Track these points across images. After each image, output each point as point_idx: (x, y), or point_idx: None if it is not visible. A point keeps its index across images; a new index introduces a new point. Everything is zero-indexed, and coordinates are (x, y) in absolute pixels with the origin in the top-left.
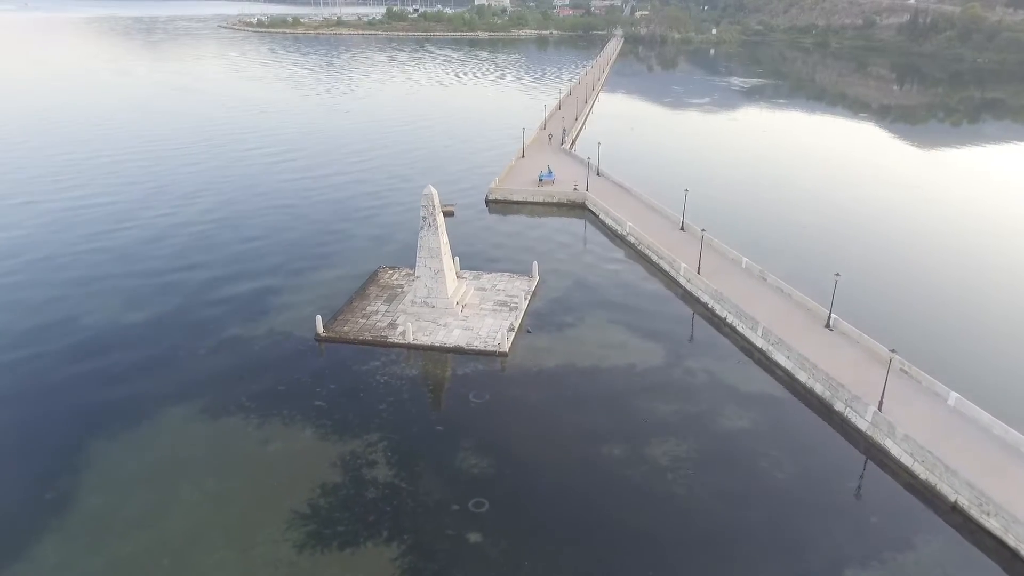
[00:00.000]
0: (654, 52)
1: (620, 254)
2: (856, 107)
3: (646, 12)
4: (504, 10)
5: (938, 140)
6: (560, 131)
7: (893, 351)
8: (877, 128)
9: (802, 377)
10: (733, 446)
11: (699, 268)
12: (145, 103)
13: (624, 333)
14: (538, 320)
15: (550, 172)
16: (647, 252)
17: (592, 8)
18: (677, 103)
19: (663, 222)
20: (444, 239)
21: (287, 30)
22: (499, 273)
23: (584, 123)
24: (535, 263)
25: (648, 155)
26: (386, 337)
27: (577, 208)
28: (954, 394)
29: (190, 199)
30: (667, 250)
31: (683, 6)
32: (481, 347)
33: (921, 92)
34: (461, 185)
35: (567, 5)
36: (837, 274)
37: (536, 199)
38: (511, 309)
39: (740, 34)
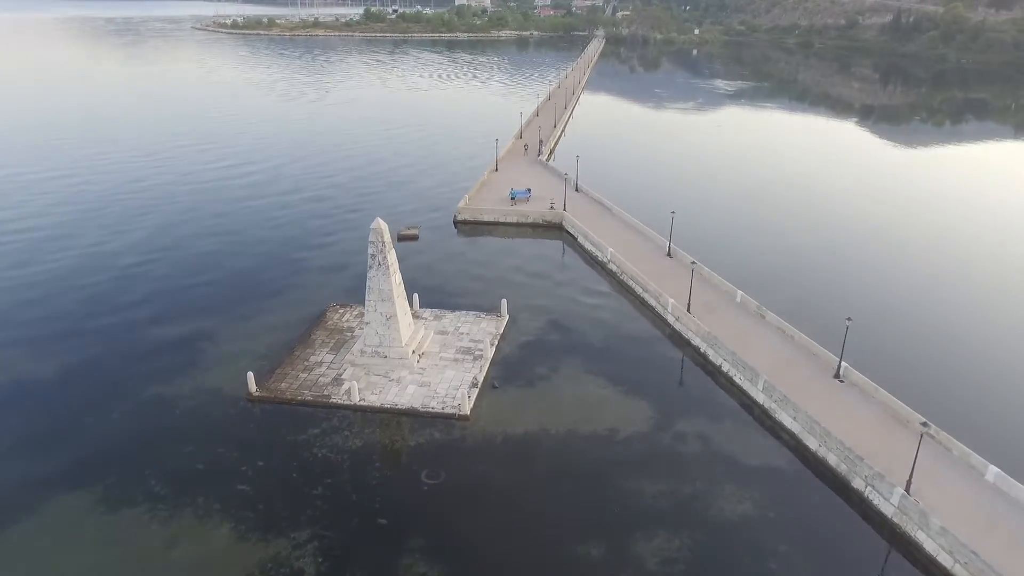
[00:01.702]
0: (636, 53)
1: (601, 285)
2: (843, 110)
3: (628, 12)
4: (484, 11)
5: (932, 144)
6: (537, 141)
7: (925, 424)
8: (868, 133)
9: (812, 444)
10: (734, 541)
11: (689, 305)
12: (96, 110)
13: (605, 386)
14: (506, 370)
15: (526, 190)
16: (631, 283)
17: (573, 8)
18: (660, 108)
19: (648, 247)
20: (397, 279)
21: (262, 32)
22: (463, 312)
23: (563, 130)
24: (504, 301)
25: (630, 167)
26: (328, 397)
27: (554, 229)
28: (993, 468)
29: (126, 224)
30: (653, 282)
31: (665, 6)
32: (438, 409)
33: (905, 93)
34: (429, 202)
35: (548, 5)
36: (848, 319)
37: (509, 219)
38: (475, 358)
39: (722, 34)
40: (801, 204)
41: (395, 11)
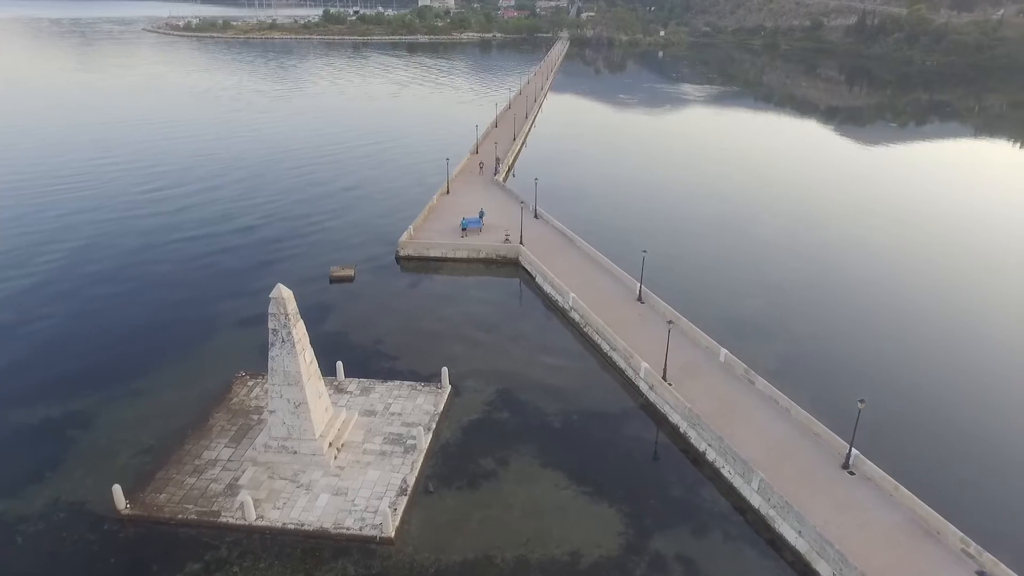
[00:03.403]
0: (601, 55)
1: (561, 340)
2: (815, 114)
3: (592, 14)
4: (447, 12)
5: (919, 154)
6: (493, 159)
7: (965, 543)
8: (845, 140)
9: (824, 572)
10: None
11: (665, 371)
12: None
13: (565, 486)
14: (445, 465)
15: (479, 217)
16: (596, 338)
17: (537, 10)
18: (627, 117)
19: (615, 289)
20: (307, 356)
21: (216, 34)
22: (397, 383)
23: (524, 142)
24: (445, 370)
25: (595, 186)
26: (218, 513)
27: (509, 266)
28: None
29: (9, 265)
30: (621, 338)
31: (630, 7)
32: (355, 529)
33: (870, 95)
34: (372, 233)
35: (511, 7)
36: (862, 401)
37: (458, 254)
38: (406, 450)
39: (688, 36)
40: (785, 232)
41: (355, 12)
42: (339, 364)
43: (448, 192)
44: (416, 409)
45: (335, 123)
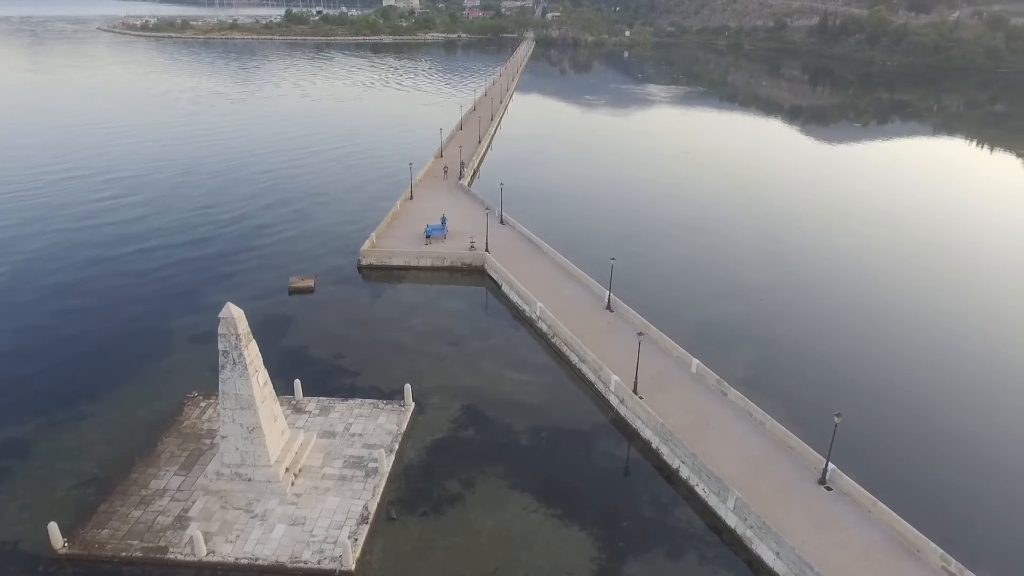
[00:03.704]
0: (567, 55)
1: (529, 352)
2: (780, 113)
3: (558, 14)
4: (412, 12)
5: (885, 152)
6: (458, 163)
7: (946, 561)
8: (811, 140)
9: None
10: None
11: (636, 383)
12: None
13: (534, 509)
14: (408, 489)
15: (442, 224)
16: (564, 350)
17: (503, 10)
18: (594, 119)
19: (585, 297)
20: (261, 378)
21: (174, 34)
22: (358, 401)
23: (489, 145)
24: (408, 387)
25: (562, 189)
26: (165, 549)
27: (475, 274)
28: None
29: None
30: (591, 349)
31: (595, 7)
32: (313, 562)
33: (833, 94)
34: (334, 241)
35: (477, 7)
36: (838, 415)
37: (422, 263)
38: (367, 474)
39: (653, 36)
40: (755, 233)
41: (319, 12)
42: (297, 382)
43: (412, 197)
44: (378, 429)
45: (297, 126)
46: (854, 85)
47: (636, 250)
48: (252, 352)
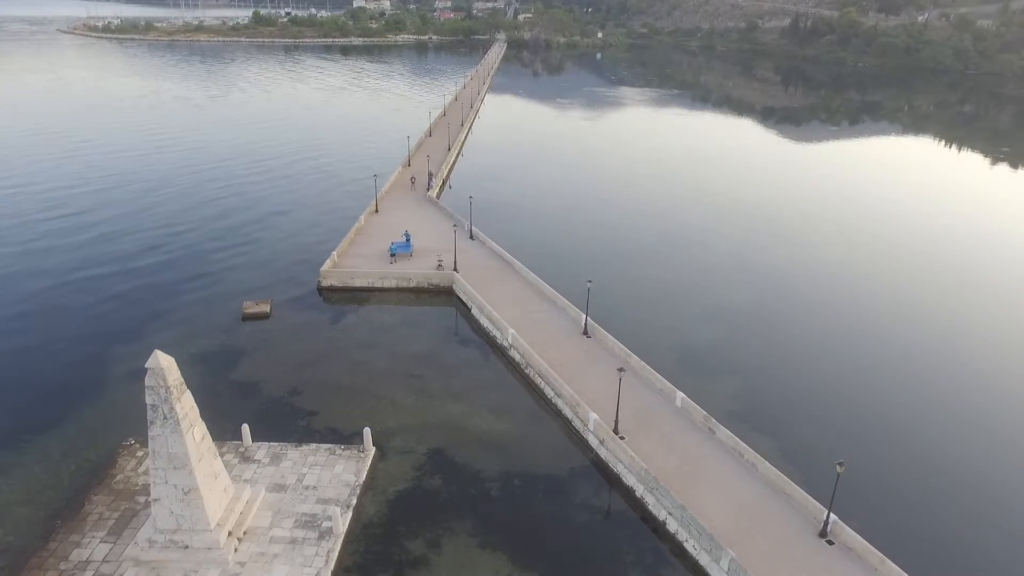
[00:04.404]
0: (539, 57)
1: (500, 385)
2: (755, 115)
3: (530, 15)
4: (383, 13)
5: (868, 157)
6: (426, 172)
7: None
8: (791, 145)
9: None
10: None
11: (617, 423)
12: None
13: (506, 574)
14: (367, 552)
15: (407, 241)
16: (539, 382)
17: (474, 11)
18: (567, 124)
19: (560, 322)
20: (198, 432)
21: (138, 36)
22: (313, 447)
23: (460, 152)
24: (367, 431)
25: (533, 201)
26: None
27: (442, 295)
28: None
29: None
30: (567, 381)
31: (567, 8)
32: None
33: (807, 95)
34: (294, 260)
35: (448, 8)
36: (840, 463)
37: (386, 283)
38: (321, 536)
39: (626, 37)
40: (736, 247)
41: (287, 14)
42: (245, 427)
43: (377, 211)
44: (334, 480)
45: (261, 134)
46: (826, 86)
47: (612, 266)
48: (186, 404)
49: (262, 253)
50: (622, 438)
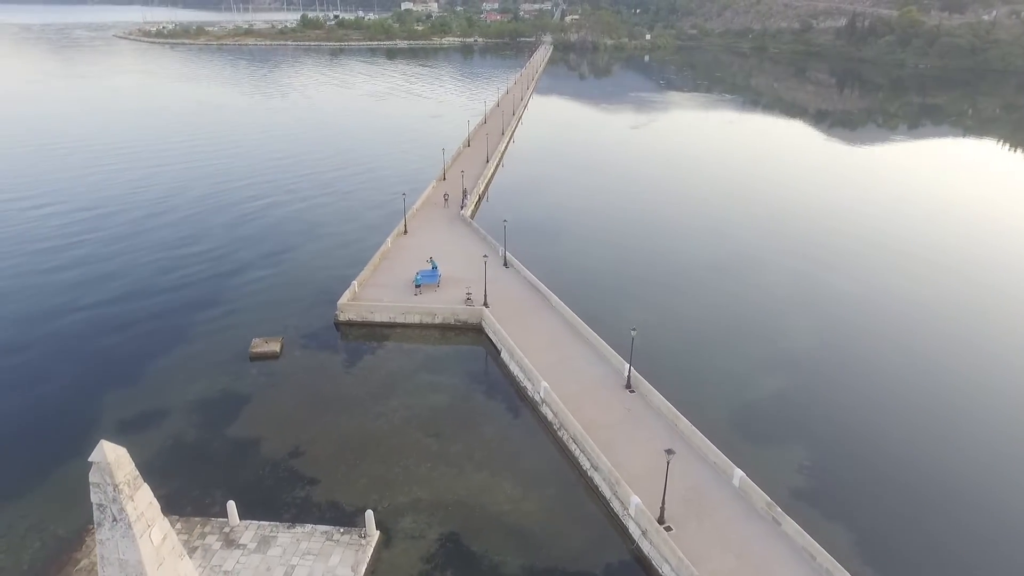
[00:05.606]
0: (586, 59)
1: (530, 449)
2: (817, 122)
3: (576, 17)
4: (429, 16)
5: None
6: (460, 188)
7: None
8: (850, 152)
9: None
10: None
11: (662, 511)
12: None
13: None
14: None
15: (433, 268)
16: (573, 449)
17: (521, 13)
18: (614, 135)
19: (599, 372)
20: (155, 535)
21: (188, 40)
22: (307, 528)
23: (499, 164)
24: (370, 514)
25: (574, 221)
26: None
27: (471, 332)
28: None
29: None
30: (607, 449)
31: (615, 10)
32: None
33: (869, 99)
34: (313, 290)
35: (494, 10)
36: None
37: (409, 319)
38: None
39: (674, 39)
40: (799, 279)
41: (335, 17)
42: (231, 504)
43: (406, 232)
44: (328, 574)
45: (295, 143)
46: (884, 88)
47: (658, 296)
48: (141, 503)
49: (282, 279)
50: (669, 529)
